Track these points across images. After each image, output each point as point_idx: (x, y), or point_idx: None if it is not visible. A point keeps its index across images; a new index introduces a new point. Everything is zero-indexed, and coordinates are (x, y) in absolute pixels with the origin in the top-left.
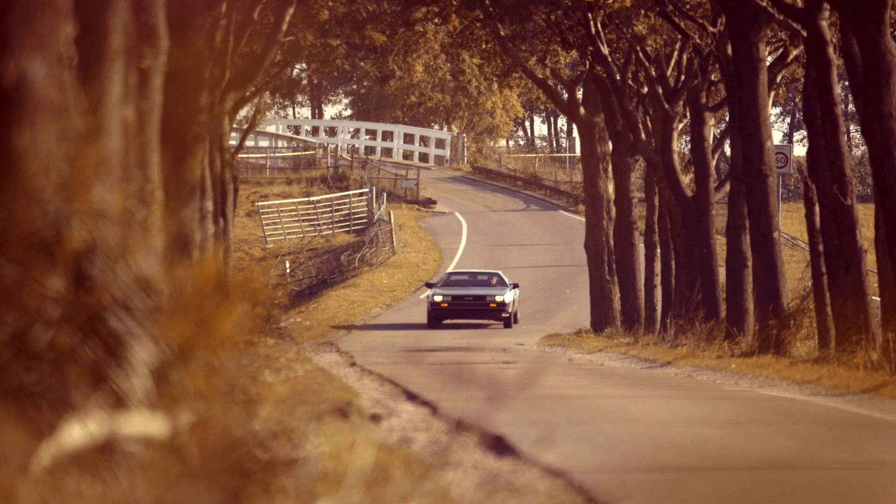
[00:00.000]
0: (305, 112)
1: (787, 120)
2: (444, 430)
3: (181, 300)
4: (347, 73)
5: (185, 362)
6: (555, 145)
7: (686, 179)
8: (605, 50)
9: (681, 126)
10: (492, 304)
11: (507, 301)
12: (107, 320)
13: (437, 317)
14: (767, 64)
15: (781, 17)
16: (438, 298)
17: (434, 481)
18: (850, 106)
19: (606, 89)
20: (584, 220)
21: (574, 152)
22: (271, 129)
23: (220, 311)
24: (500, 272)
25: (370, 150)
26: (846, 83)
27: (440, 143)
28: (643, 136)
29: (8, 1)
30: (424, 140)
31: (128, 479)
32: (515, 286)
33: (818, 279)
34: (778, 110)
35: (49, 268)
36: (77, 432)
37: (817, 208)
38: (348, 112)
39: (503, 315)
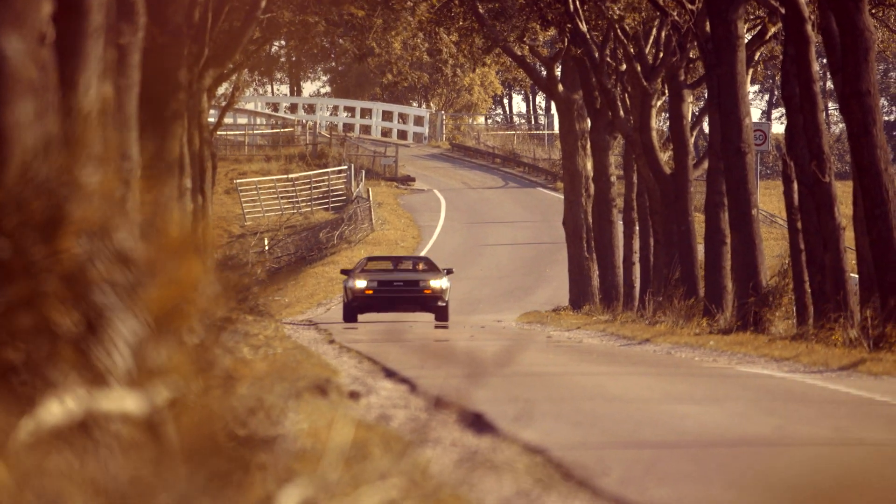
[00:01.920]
0: (284, 89)
1: (766, 97)
2: (422, 408)
3: (160, 277)
4: (326, 50)
5: (163, 339)
6: (533, 122)
7: (664, 157)
8: (584, 27)
9: (659, 103)
10: (426, 292)
11: (443, 288)
12: (89, 297)
13: (358, 308)
14: (746, 41)
15: None
16: (360, 284)
17: (413, 459)
18: (829, 83)
19: (585, 67)
20: (562, 197)
21: (553, 129)
22: (250, 106)
23: (198, 288)
24: (428, 256)
25: (349, 127)
26: (824, 60)
27: (419, 121)
28: (622, 113)
29: None
30: (403, 117)
31: (107, 456)
32: (449, 272)
33: (796, 256)
34: (756, 88)
35: (35, 245)
36: (56, 409)
37: (795, 185)
38: (327, 89)
39: (439, 304)
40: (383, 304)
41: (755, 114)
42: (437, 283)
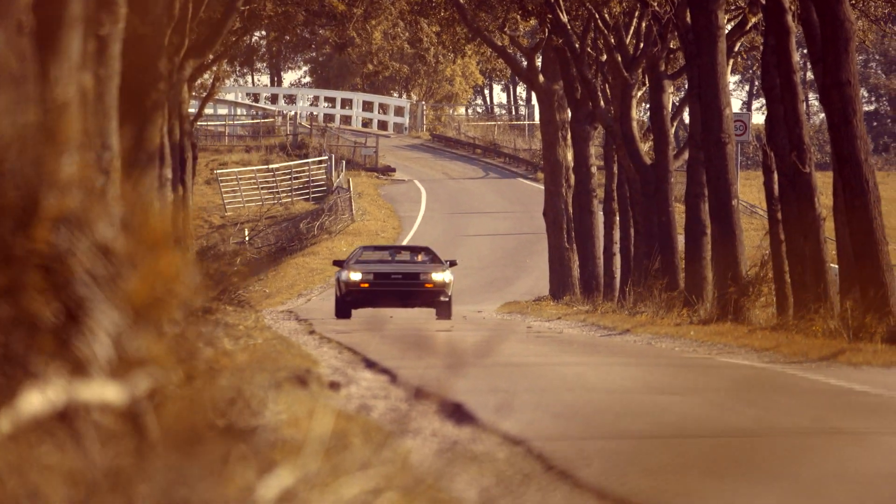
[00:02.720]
0: (264, 80)
1: (746, 88)
2: (403, 398)
3: (140, 268)
4: (307, 40)
5: (144, 329)
6: (514, 113)
7: (645, 147)
8: (564, 18)
9: (640, 94)
10: (427, 286)
11: (446, 281)
12: (69, 287)
13: (351, 302)
14: (726, 32)
15: None
16: (355, 277)
17: (393, 449)
18: (809, 74)
19: (565, 57)
20: (543, 187)
21: (533, 120)
22: (230, 96)
23: (179, 279)
24: (429, 246)
25: (329, 117)
26: (805, 51)
27: (399, 111)
28: (602, 103)
29: None
30: (383, 108)
31: (87, 446)
32: (452, 263)
33: (777, 247)
34: (737, 78)
35: (13, 235)
36: (37, 399)
37: (776, 176)
38: (308, 80)
39: (441, 299)
40: (380, 298)
41: (736, 104)
42: (440, 276)
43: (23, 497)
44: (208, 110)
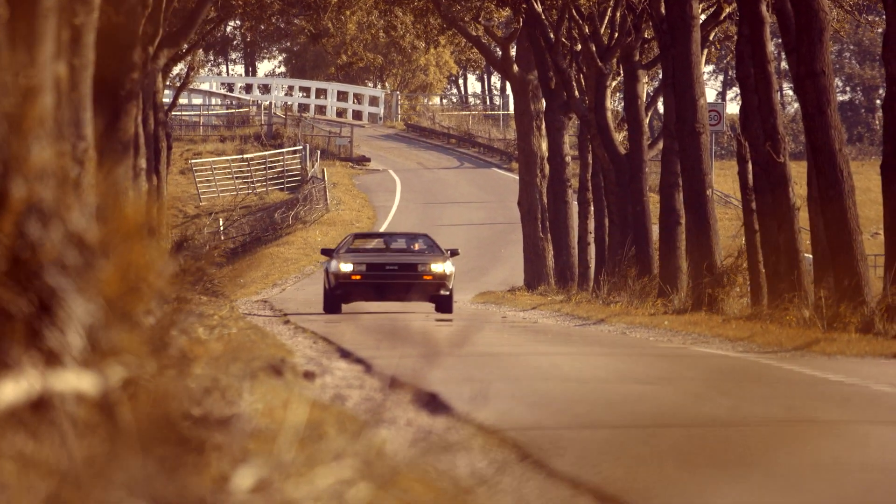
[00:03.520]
0: (239, 69)
1: (721, 77)
2: (377, 388)
3: (115, 258)
4: (282, 30)
5: (118, 319)
6: (488, 103)
7: (619, 137)
8: (539, 7)
9: (614, 84)
10: (426, 277)
11: (447, 273)
12: (43, 277)
13: (342, 296)
14: (701, 21)
15: None
16: (346, 268)
17: (368, 439)
18: (783, 63)
19: (540, 47)
20: (517, 177)
21: (508, 110)
22: (205, 86)
23: (153, 268)
24: (427, 234)
25: (304, 107)
26: (779, 41)
27: (374, 101)
28: (577, 93)
29: None
30: (358, 98)
31: (61, 436)
32: (453, 253)
33: (751, 236)
34: (711, 68)
35: None
36: (10, 390)
37: (750, 166)
38: (282, 69)
39: (441, 293)
40: (373, 291)
41: (710, 94)
42: (440, 266)
43: None
44: (183, 100)
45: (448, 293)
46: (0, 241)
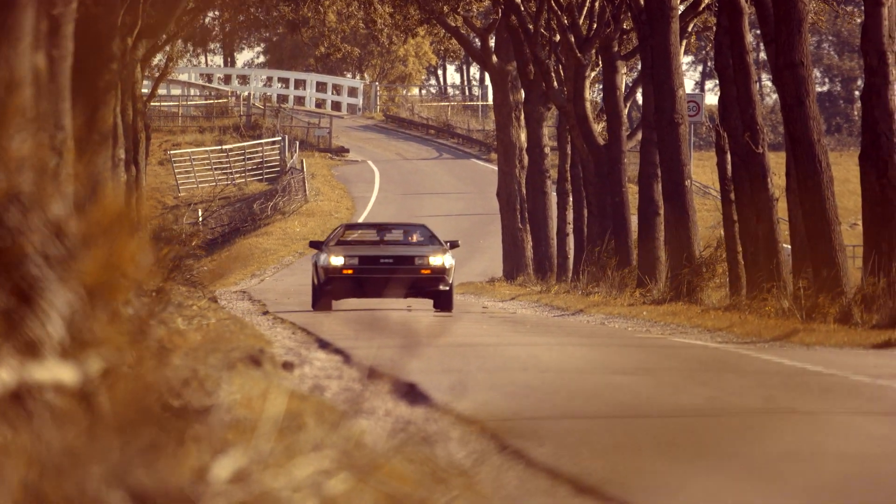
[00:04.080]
0: (218, 60)
1: (699, 68)
2: (356, 378)
3: (94, 248)
4: (260, 21)
5: (97, 310)
6: (467, 94)
7: (598, 128)
8: None
9: (593, 74)
10: (424, 272)
11: (447, 266)
12: (22, 267)
13: (332, 292)
14: (679, 12)
15: None
16: (336, 261)
17: (346, 429)
18: (762, 54)
19: (519, 38)
20: (496, 168)
21: (487, 101)
22: (184, 77)
23: (132, 259)
24: (425, 224)
25: (283, 98)
26: (758, 31)
27: (353, 92)
28: (556, 84)
29: None
30: (337, 88)
31: (40, 426)
32: (453, 245)
33: (729, 227)
34: (690, 59)
35: None
36: None
37: (729, 157)
38: (261, 60)
39: (441, 288)
40: (367, 287)
41: (689, 85)
42: (439, 259)
43: None
44: (161, 91)
45: (448, 288)
46: None
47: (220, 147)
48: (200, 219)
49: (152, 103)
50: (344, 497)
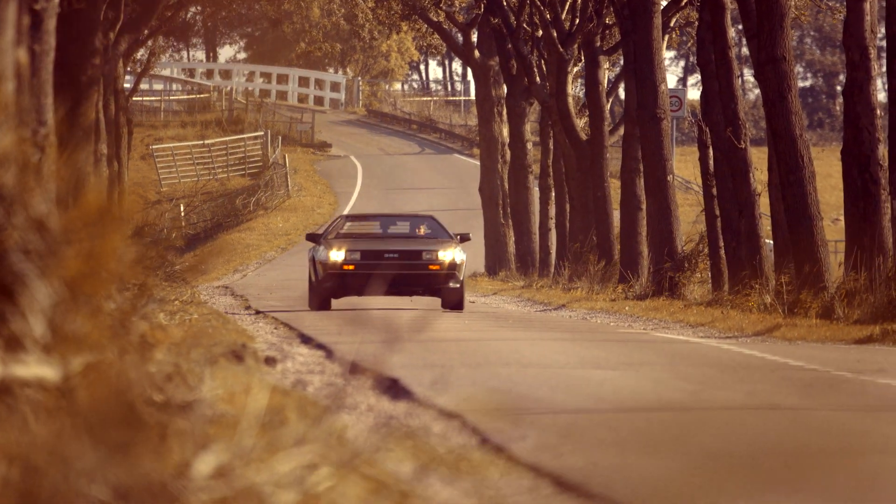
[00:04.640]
0: (200, 55)
1: (682, 63)
2: (338, 373)
3: (76, 243)
4: (242, 15)
5: (80, 305)
6: (450, 89)
7: (581, 123)
8: None
9: (576, 69)
10: (432, 267)
11: (457, 262)
12: (4, 262)
13: (331, 289)
14: (662, 7)
15: None
16: (336, 257)
17: (329, 424)
18: (744, 49)
19: (501, 33)
20: (479, 163)
21: (469, 96)
22: (166, 72)
23: (113, 253)
24: (433, 216)
25: (265, 93)
26: (740, 26)
27: (335, 87)
28: (538, 79)
29: None
30: (319, 83)
31: (21, 422)
32: (464, 238)
33: (712, 222)
34: (672, 54)
35: None
36: None
37: (711, 152)
38: (243, 55)
39: (451, 285)
40: (369, 284)
41: (671, 80)
42: (448, 254)
43: None
44: (143, 85)
45: (458, 286)
46: None
47: (202, 142)
48: (183, 214)
49: (134, 98)
50: (326, 491)
